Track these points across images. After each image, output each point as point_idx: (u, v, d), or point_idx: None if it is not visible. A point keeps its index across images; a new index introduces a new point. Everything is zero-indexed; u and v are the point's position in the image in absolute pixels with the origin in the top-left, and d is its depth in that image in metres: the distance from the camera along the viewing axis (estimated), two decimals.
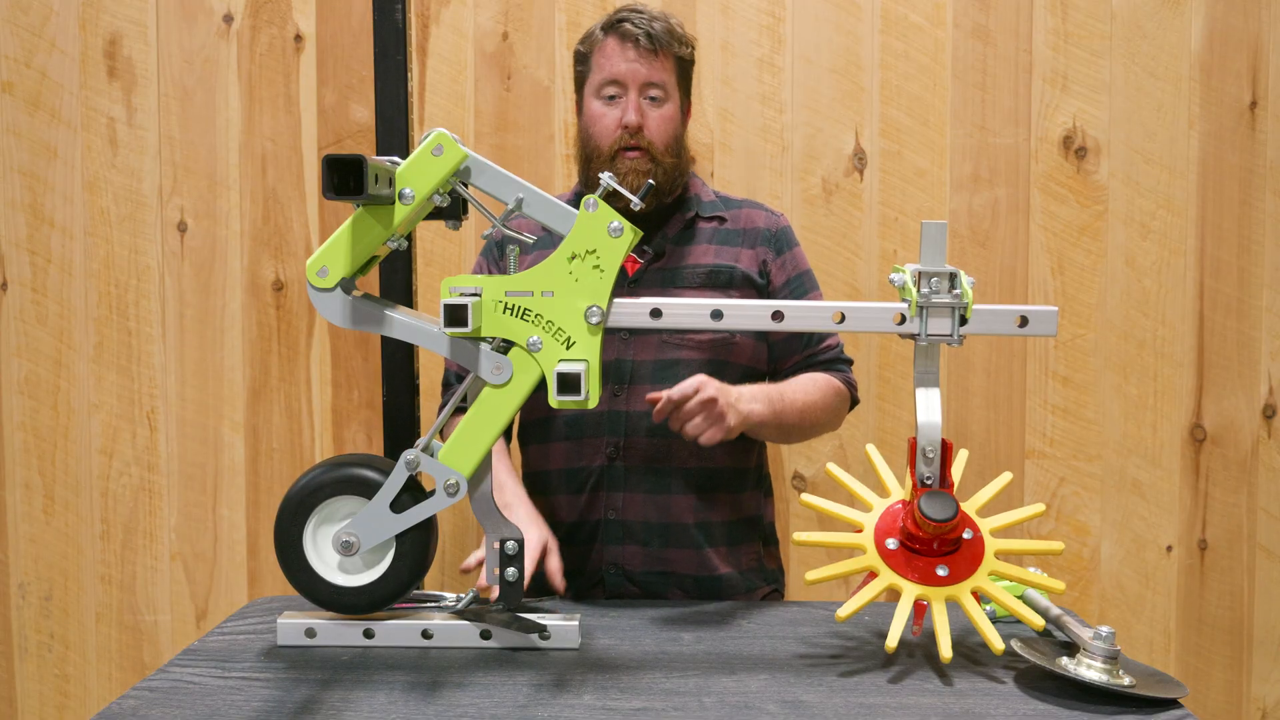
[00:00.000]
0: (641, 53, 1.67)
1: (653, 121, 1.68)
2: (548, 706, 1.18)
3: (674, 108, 1.71)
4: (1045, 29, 2.15)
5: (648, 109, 1.68)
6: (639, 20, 1.68)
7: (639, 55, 1.67)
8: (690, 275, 1.70)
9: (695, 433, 1.49)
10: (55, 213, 2.26)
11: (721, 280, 1.70)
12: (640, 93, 1.68)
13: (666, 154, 1.68)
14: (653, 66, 1.67)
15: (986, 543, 1.31)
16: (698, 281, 1.70)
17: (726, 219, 1.76)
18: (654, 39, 1.66)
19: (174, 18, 2.22)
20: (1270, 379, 2.17)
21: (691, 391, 1.48)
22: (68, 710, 2.31)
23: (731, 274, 1.71)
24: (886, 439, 2.18)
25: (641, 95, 1.68)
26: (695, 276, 1.70)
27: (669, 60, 1.69)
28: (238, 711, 1.17)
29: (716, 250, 1.73)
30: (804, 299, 1.74)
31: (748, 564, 1.73)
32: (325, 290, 1.31)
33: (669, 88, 1.70)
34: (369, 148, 2.19)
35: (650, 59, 1.67)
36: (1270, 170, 2.14)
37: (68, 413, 2.28)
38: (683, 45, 1.71)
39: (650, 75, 1.67)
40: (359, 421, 2.24)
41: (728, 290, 1.70)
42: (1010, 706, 1.18)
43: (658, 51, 1.67)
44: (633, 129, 1.66)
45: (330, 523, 1.37)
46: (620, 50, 1.68)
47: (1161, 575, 2.19)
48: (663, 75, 1.68)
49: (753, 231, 1.76)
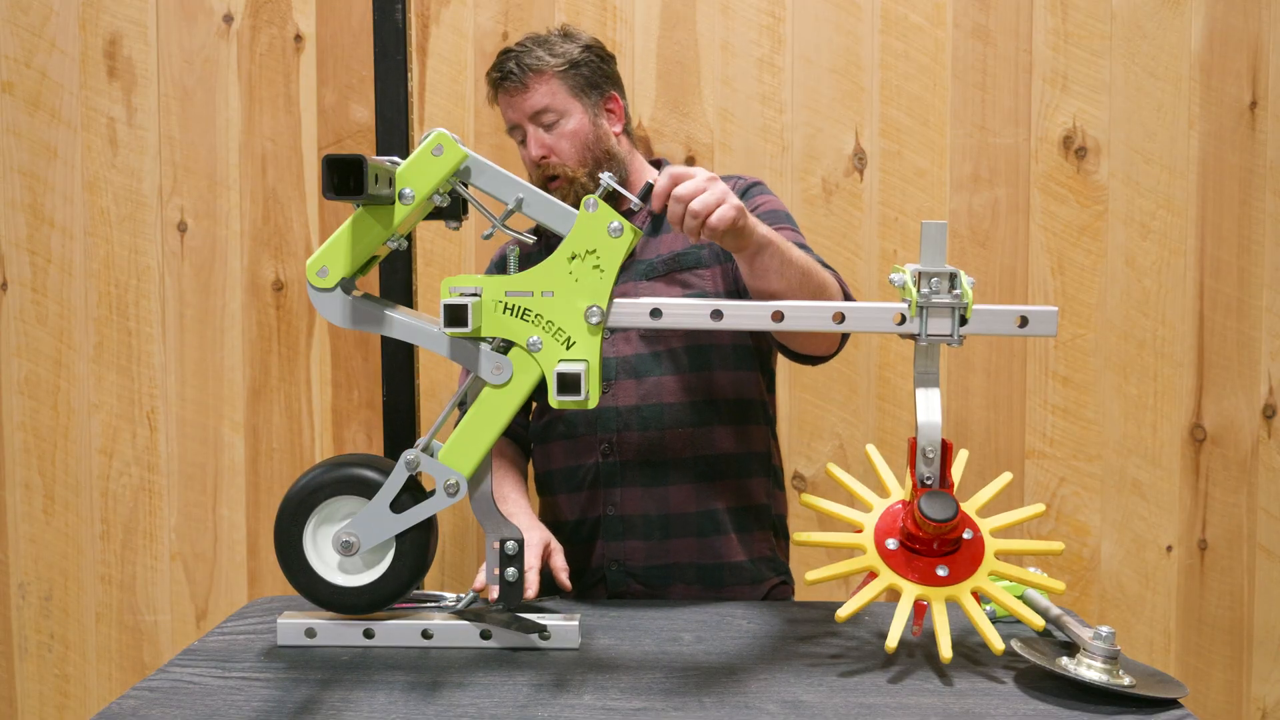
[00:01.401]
0: (513, 90, 1.70)
1: (557, 144, 1.69)
2: (548, 706, 1.18)
3: (576, 120, 1.70)
4: (1045, 29, 2.15)
5: (545, 138, 1.70)
6: (506, 58, 1.71)
7: (513, 94, 1.70)
8: (651, 267, 1.70)
9: (704, 209, 1.33)
10: (55, 213, 2.26)
11: (688, 262, 1.69)
12: (534, 124, 1.70)
13: (581, 166, 1.69)
14: (531, 96, 1.69)
15: (986, 543, 1.31)
16: (659, 272, 1.69)
17: None
18: (520, 70, 1.68)
19: (174, 18, 2.22)
20: (1270, 379, 2.17)
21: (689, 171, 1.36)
22: (68, 710, 2.31)
23: (698, 255, 1.70)
24: (886, 439, 2.18)
25: (536, 125, 1.70)
26: (657, 267, 1.70)
27: (546, 82, 1.69)
28: (238, 711, 1.17)
29: (681, 236, 1.72)
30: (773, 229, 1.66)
31: (760, 552, 1.73)
32: (325, 290, 1.31)
33: (558, 106, 1.69)
34: (369, 148, 2.19)
35: (523, 92, 1.69)
36: (1270, 170, 2.14)
37: (68, 413, 2.28)
38: (558, 56, 1.70)
39: (533, 104, 1.69)
40: (359, 421, 2.24)
41: (695, 270, 1.69)
42: (1010, 706, 1.18)
43: (527, 83, 1.69)
44: (538, 162, 1.70)
45: (330, 523, 1.37)
46: (504, 98, 1.72)
47: (1161, 575, 2.19)
48: (544, 100, 1.69)
49: None
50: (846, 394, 2.19)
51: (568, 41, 1.72)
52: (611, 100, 1.76)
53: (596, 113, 1.73)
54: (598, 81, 1.74)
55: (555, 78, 1.69)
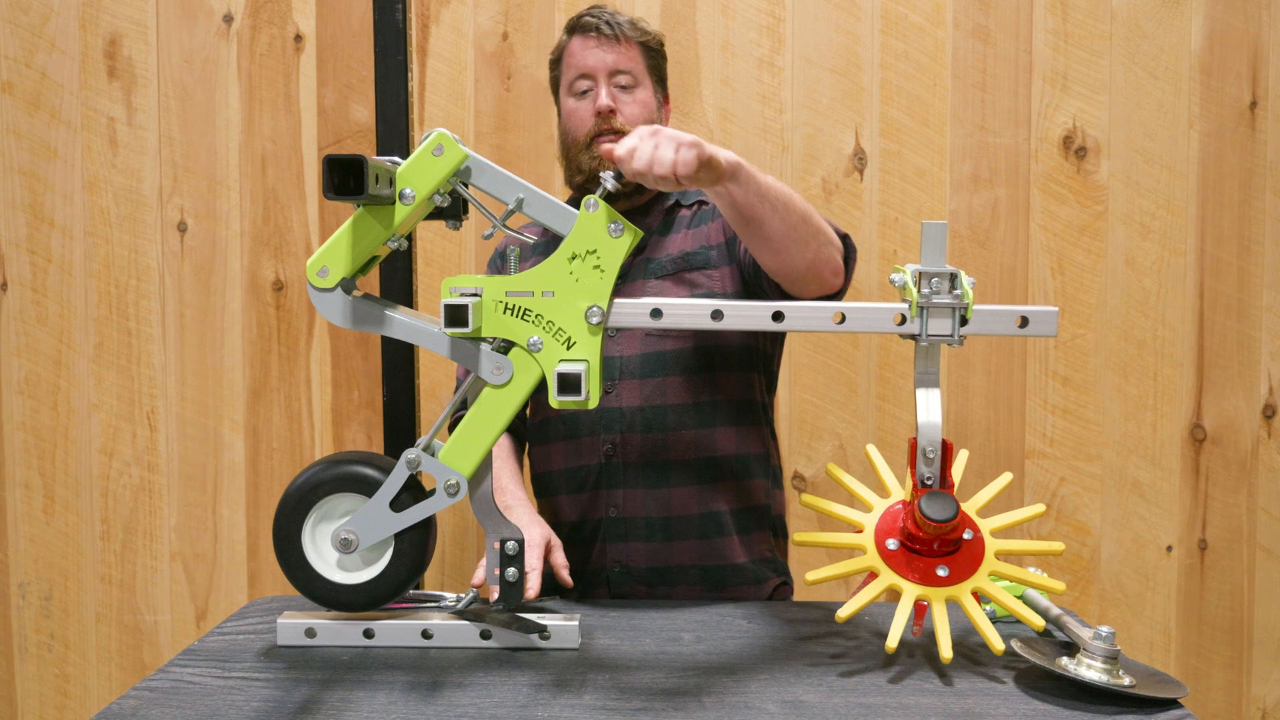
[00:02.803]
0: (604, 40, 1.69)
1: (626, 106, 1.69)
2: (548, 706, 1.18)
3: (647, 93, 1.72)
4: (1045, 29, 2.15)
5: (619, 95, 1.70)
6: (598, 13, 1.71)
7: (601, 44, 1.69)
8: (660, 266, 1.70)
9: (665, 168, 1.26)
10: (55, 213, 2.26)
11: (697, 262, 1.70)
12: (610, 80, 1.69)
13: None
14: (618, 53, 1.69)
15: (987, 543, 1.31)
16: (667, 271, 1.70)
17: (707, 202, 1.76)
18: (614, 26, 1.69)
19: (174, 18, 2.22)
20: (1270, 379, 2.17)
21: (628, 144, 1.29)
22: (68, 710, 2.31)
23: (706, 255, 1.70)
24: (886, 439, 2.18)
25: (611, 83, 1.69)
26: (666, 266, 1.70)
27: (633, 48, 1.71)
28: (238, 711, 1.17)
29: (693, 235, 1.73)
30: None
31: (761, 553, 1.73)
32: (325, 290, 1.31)
33: (638, 74, 1.71)
34: (369, 148, 2.19)
35: (613, 45, 1.69)
36: (1270, 170, 2.15)
37: (68, 413, 2.28)
38: (646, 35, 1.73)
39: (617, 62, 1.69)
40: (359, 421, 2.24)
41: (704, 270, 1.69)
42: (1010, 706, 1.18)
43: (619, 39, 1.69)
44: (605, 113, 1.68)
45: (329, 520, 1.37)
46: (583, 45, 1.71)
47: (1161, 575, 2.19)
48: (629, 63, 1.70)
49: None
50: (846, 394, 2.19)
51: (649, 29, 1.74)
52: (667, 98, 1.80)
53: (660, 100, 1.76)
54: (664, 75, 1.78)
55: (641, 50, 1.71)
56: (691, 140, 1.28)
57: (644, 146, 1.28)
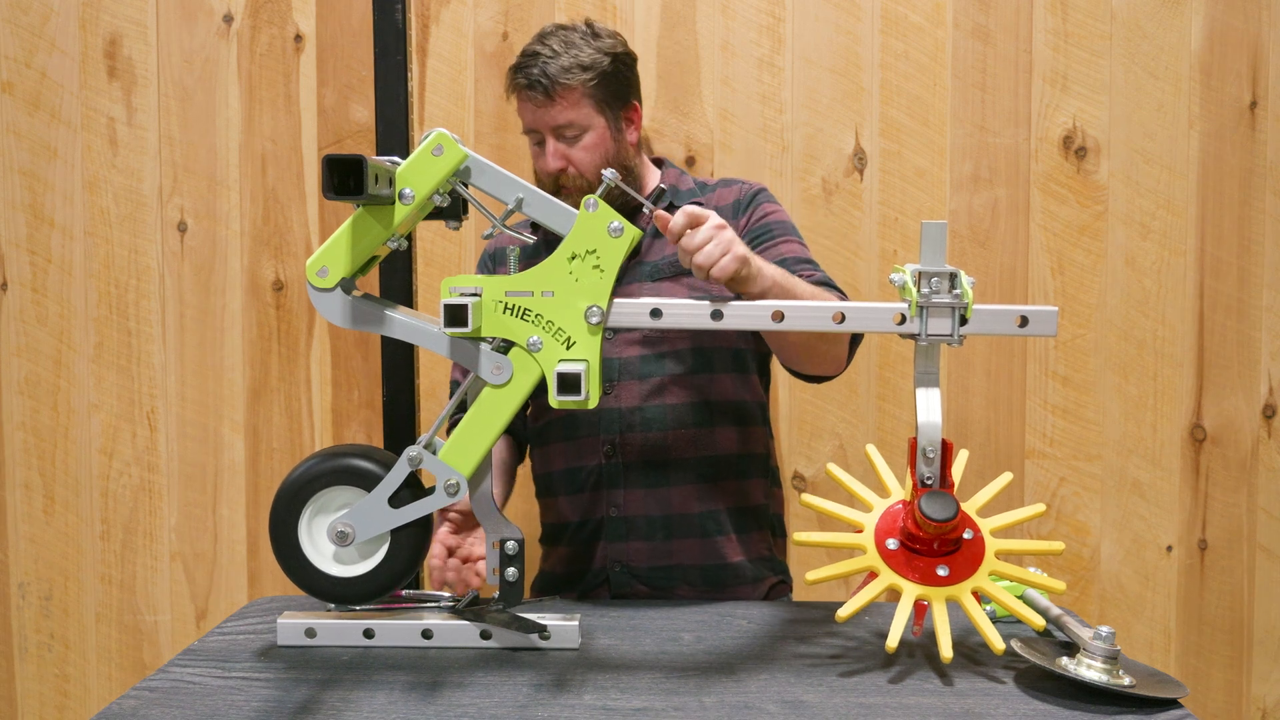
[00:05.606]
0: (541, 102, 1.66)
1: (575, 157, 1.67)
2: (548, 706, 1.18)
3: (596, 134, 1.68)
4: (1045, 29, 2.15)
5: (566, 149, 1.67)
6: (531, 65, 1.66)
7: (540, 104, 1.66)
8: (656, 268, 1.70)
9: (707, 261, 1.35)
10: (55, 213, 2.26)
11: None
12: (555, 136, 1.67)
13: (596, 178, 1.66)
14: (556, 109, 1.65)
15: (987, 543, 1.31)
16: (664, 273, 1.70)
17: (703, 204, 1.76)
18: (549, 84, 1.64)
19: (174, 18, 2.22)
20: (1270, 379, 2.17)
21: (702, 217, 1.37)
22: (68, 710, 2.31)
23: None
24: (886, 439, 2.18)
25: (557, 139, 1.67)
26: (663, 269, 1.70)
27: (572, 94, 1.65)
28: (238, 711, 1.18)
29: None
30: (773, 244, 1.68)
31: (758, 553, 1.73)
32: (325, 290, 1.31)
33: (582, 121, 1.66)
34: (369, 148, 2.19)
35: (550, 105, 1.65)
36: (1270, 170, 2.14)
37: (68, 413, 2.28)
38: (586, 70, 1.66)
39: (556, 119, 1.66)
40: (359, 421, 2.24)
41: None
42: (1010, 706, 1.18)
43: (554, 97, 1.65)
44: (555, 174, 1.67)
45: (325, 513, 1.37)
46: (525, 102, 1.68)
47: (1161, 575, 2.19)
48: (570, 113, 1.66)
49: (724, 208, 1.75)
50: (846, 394, 2.19)
51: (596, 46, 1.68)
52: (633, 110, 1.75)
53: (618, 125, 1.71)
54: (622, 91, 1.72)
55: (583, 94, 1.66)
56: (742, 255, 1.36)
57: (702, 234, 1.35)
